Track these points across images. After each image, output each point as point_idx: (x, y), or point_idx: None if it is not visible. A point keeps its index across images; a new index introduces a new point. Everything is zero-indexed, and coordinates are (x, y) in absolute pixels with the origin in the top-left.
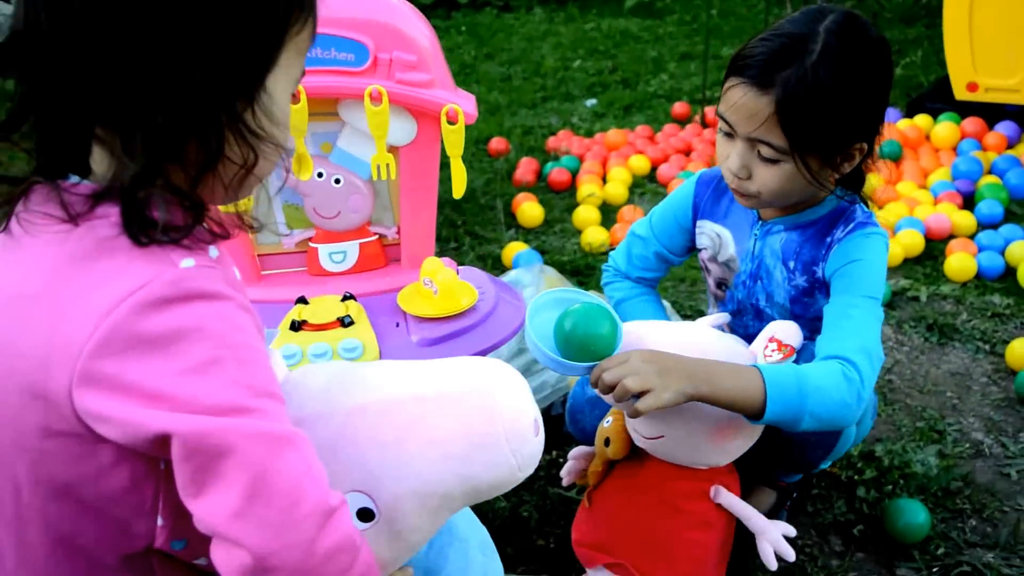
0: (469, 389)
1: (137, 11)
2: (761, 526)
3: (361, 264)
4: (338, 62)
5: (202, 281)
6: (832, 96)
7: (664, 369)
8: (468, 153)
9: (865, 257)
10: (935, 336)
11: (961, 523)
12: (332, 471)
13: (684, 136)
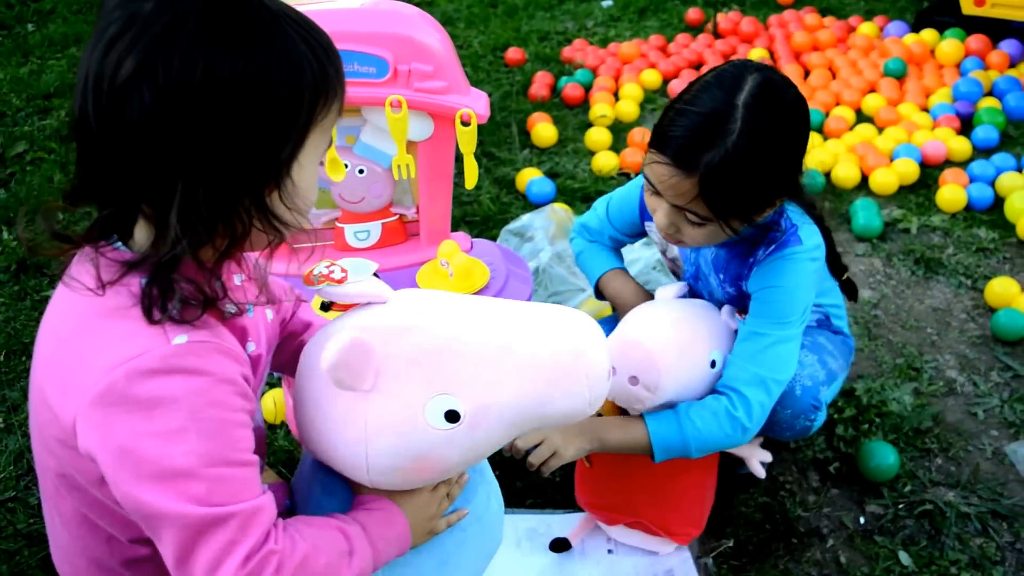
0: (565, 329)
1: (178, 125)
2: (747, 452)
3: (383, 241)
4: (361, 75)
5: (188, 358)
6: (753, 170)
7: (564, 434)
8: (486, 62)
9: (781, 284)
10: (921, 270)
11: (928, 462)
12: (434, 373)
13: (696, 47)
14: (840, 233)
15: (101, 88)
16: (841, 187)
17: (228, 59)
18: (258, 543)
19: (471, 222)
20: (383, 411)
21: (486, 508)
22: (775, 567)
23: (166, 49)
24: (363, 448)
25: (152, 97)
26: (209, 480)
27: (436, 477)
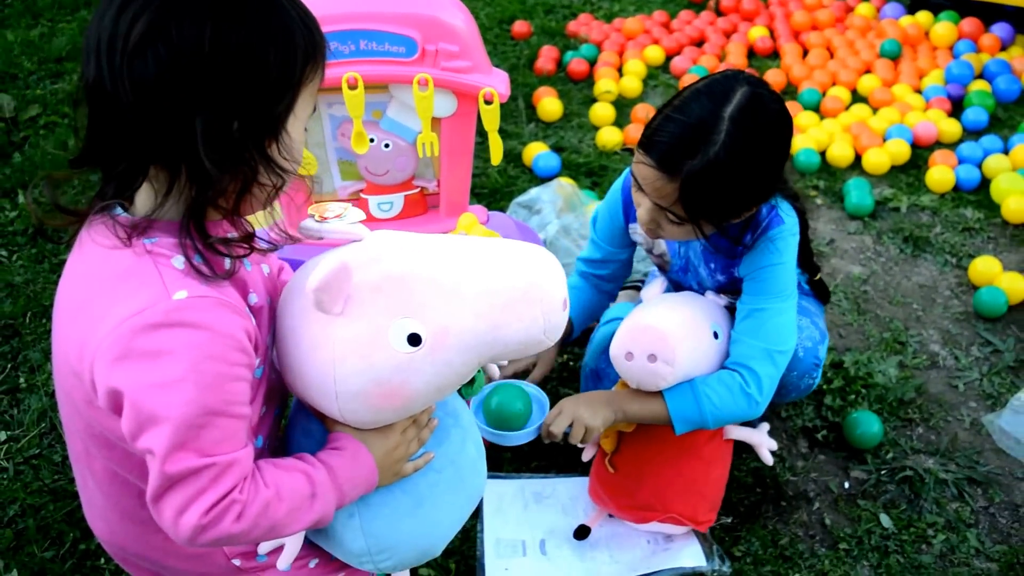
0: (521, 260)
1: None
2: (758, 440)
3: (405, 212)
4: (390, 54)
5: (189, 312)
6: (732, 179)
7: (590, 408)
8: (492, 35)
9: (773, 262)
10: (909, 248)
11: (910, 431)
12: (398, 298)
13: (698, 24)
14: (833, 211)
15: (115, 48)
16: (835, 166)
17: (232, 24)
18: (224, 493)
19: (480, 194)
20: (350, 333)
21: (460, 451)
22: (764, 527)
23: (177, 12)
24: (331, 371)
25: (167, 54)
26: (200, 428)
27: (403, 406)
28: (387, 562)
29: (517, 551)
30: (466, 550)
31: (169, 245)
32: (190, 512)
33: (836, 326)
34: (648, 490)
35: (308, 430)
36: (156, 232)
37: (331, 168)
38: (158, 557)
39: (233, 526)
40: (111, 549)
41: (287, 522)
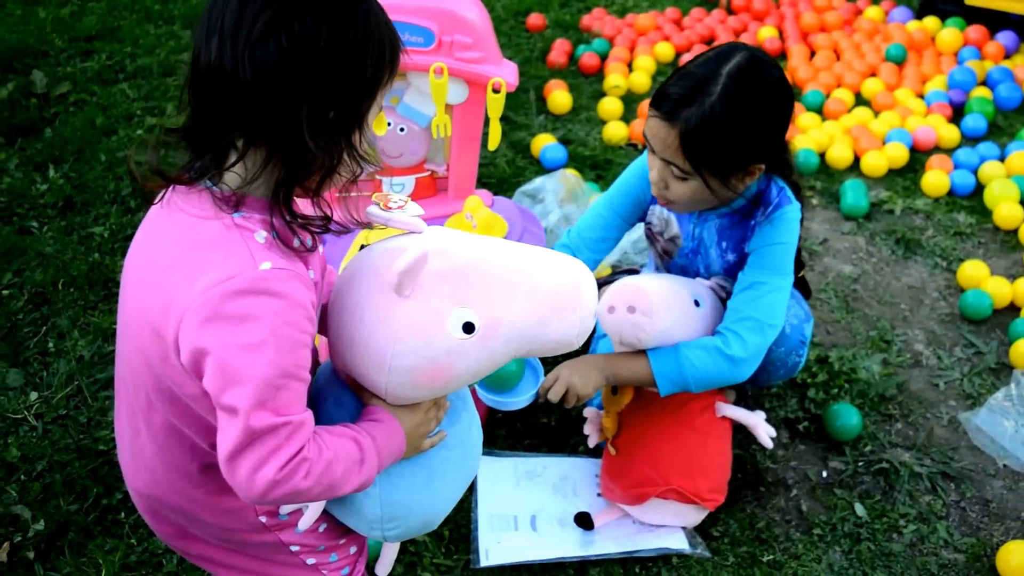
0: (567, 268)
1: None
2: (753, 421)
3: (416, 193)
4: (410, 43)
5: (271, 282)
6: (725, 130)
7: (582, 372)
8: (507, 26)
9: (780, 240)
10: (901, 250)
11: (889, 426)
12: (459, 289)
13: (709, 23)
14: (829, 211)
15: (239, 33)
16: (834, 167)
17: (345, 24)
18: (296, 450)
19: (487, 183)
20: (413, 316)
21: (468, 433)
22: (742, 511)
23: (300, 8)
24: (391, 347)
25: (288, 44)
26: (278, 389)
27: (443, 386)
28: (394, 531)
29: (509, 526)
30: (459, 519)
31: (254, 220)
32: (267, 467)
33: (824, 323)
34: (645, 463)
35: (341, 401)
36: (244, 207)
37: None
38: (195, 510)
39: (302, 482)
40: (145, 502)
41: (343, 482)
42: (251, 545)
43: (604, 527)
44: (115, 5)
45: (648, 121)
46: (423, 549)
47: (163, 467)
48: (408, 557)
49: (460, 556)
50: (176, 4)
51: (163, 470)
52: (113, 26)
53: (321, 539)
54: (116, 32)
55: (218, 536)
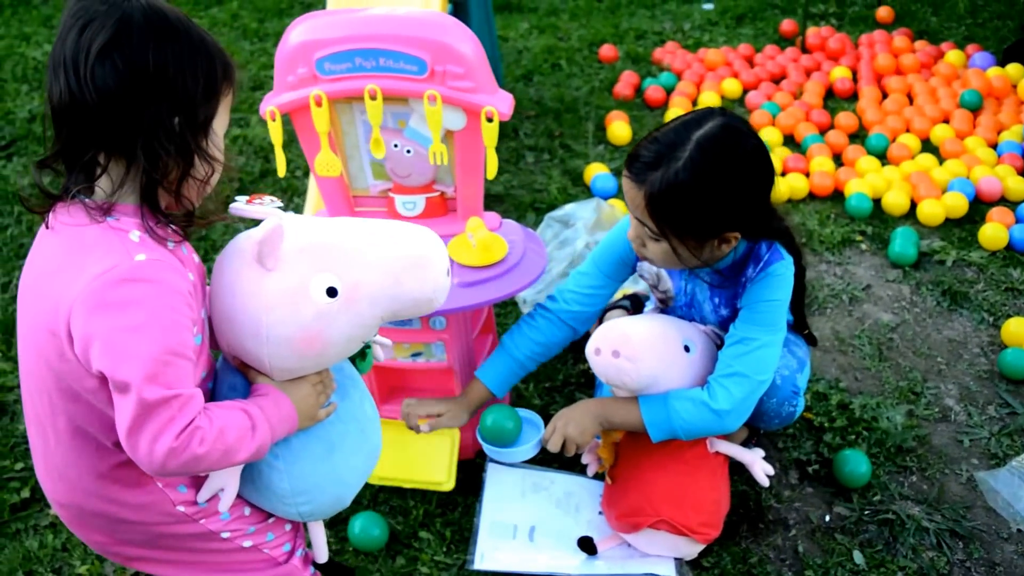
0: (415, 236)
1: (147, 92)
2: (749, 458)
3: (427, 212)
4: (405, 71)
5: (147, 271)
6: (690, 196)
7: (577, 421)
8: (580, 56)
9: (771, 297)
10: (947, 302)
11: (903, 478)
12: (319, 258)
13: (781, 60)
14: (876, 257)
15: (79, 62)
16: (889, 213)
17: (168, 46)
18: (189, 420)
19: (538, 208)
20: (278, 286)
21: (361, 409)
22: (737, 545)
23: (127, 33)
24: (263, 318)
25: (123, 65)
26: (164, 365)
27: (321, 352)
28: (306, 506)
29: (508, 534)
30: (463, 522)
31: (127, 223)
32: (165, 436)
33: (853, 369)
34: (638, 493)
35: (234, 385)
36: (116, 212)
37: (364, 168)
38: (114, 511)
39: (198, 448)
40: (67, 512)
41: (237, 447)
42: (181, 538)
43: (605, 552)
44: (216, 22)
45: (623, 180)
46: (425, 546)
47: (75, 472)
48: (411, 552)
49: (459, 556)
50: (271, 23)
51: (75, 475)
52: None
53: (249, 521)
54: None
55: (146, 536)
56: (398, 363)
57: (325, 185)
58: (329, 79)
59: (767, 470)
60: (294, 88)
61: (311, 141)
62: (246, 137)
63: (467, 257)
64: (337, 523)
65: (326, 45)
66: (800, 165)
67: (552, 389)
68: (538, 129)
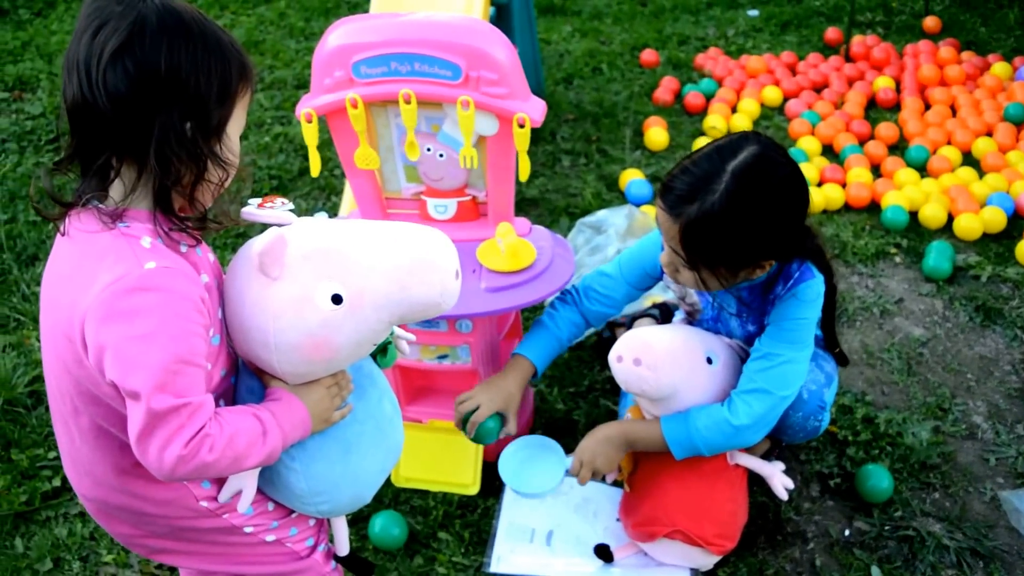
0: (422, 238)
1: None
2: (768, 471)
3: (458, 216)
4: (439, 76)
5: (157, 279)
6: (727, 230)
7: (602, 452)
8: (622, 60)
9: (798, 315)
10: (980, 317)
11: (925, 494)
12: (323, 265)
13: (824, 69)
14: (910, 271)
15: (91, 66)
16: (925, 226)
17: (182, 47)
18: (199, 428)
19: (572, 212)
20: (284, 295)
21: (379, 408)
22: (754, 556)
23: (140, 35)
24: (271, 326)
25: (134, 68)
26: (174, 374)
27: (331, 358)
28: (324, 505)
29: (525, 537)
30: (483, 524)
31: (138, 229)
32: (174, 444)
33: (880, 383)
34: (654, 503)
35: (251, 388)
36: (128, 218)
37: (398, 170)
38: (138, 506)
39: (207, 455)
40: (94, 505)
41: (247, 454)
42: (205, 532)
43: (622, 560)
44: (262, 20)
45: (657, 209)
46: (443, 547)
47: (99, 468)
48: (429, 552)
49: (477, 558)
50: (318, 22)
51: (99, 470)
52: (258, 40)
53: (272, 516)
54: (259, 45)
55: (170, 528)
56: (424, 364)
57: (358, 186)
58: (365, 82)
59: (787, 484)
60: (330, 91)
61: (346, 143)
62: (287, 135)
63: (496, 262)
64: (358, 521)
65: (363, 49)
66: (837, 176)
67: (576, 395)
68: (576, 133)
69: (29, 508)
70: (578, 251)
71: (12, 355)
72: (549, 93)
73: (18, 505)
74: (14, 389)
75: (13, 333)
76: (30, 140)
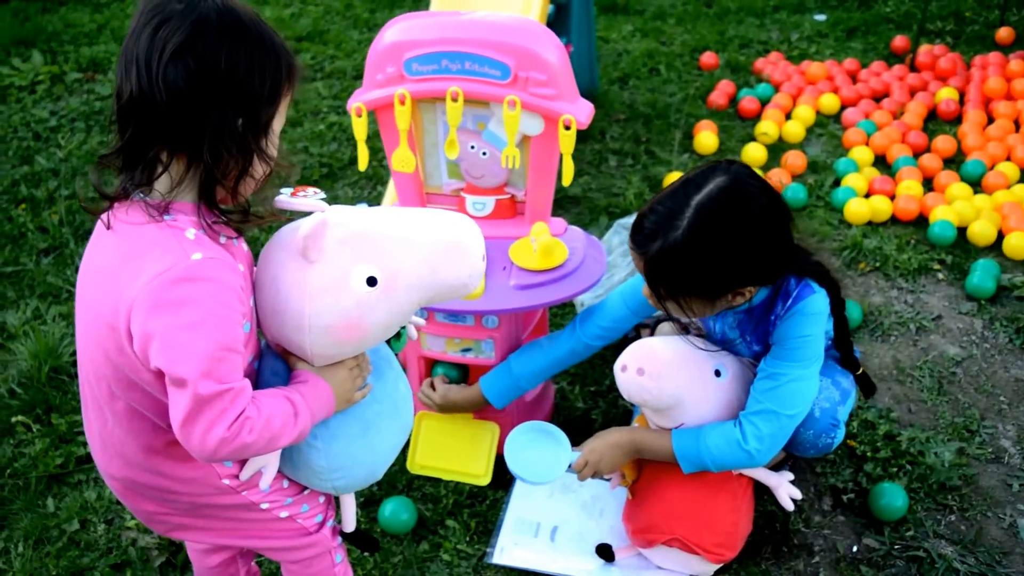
0: (452, 223)
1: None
2: (775, 482)
3: (496, 214)
4: (488, 75)
5: (203, 270)
6: (690, 263)
7: (607, 456)
8: (681, 62)
9: (801, 333)
10: (1020, 339)
11: (941, 516)
12: (359, 249)
13: (886, 77)
14: (952, 288)
15: (152, 60)
16: (973, 243)
17: (240, 47)
18: (240, 411)
19: (612, 212)
20: (321, 277)
21: (395, 388)
22: (757, 565)
23: (201, 34)
24: (306, 308)
25: (195, 65)
26: (219, 360)
27: (360, 339)
28: (340, 480)
29: (530, 531)
30: (490, 515)
31: (184, 221)
32: (217, 427)
33: (908, 400)
34: (654, 510)
35: (276, 370)
36: (173, 211)
37: (441, 166)
38: (166, 484)
39: (247, 437)
40: (120, 484)
41: (281, 434)
42: (224, 508)
43: (622, 561)
44: (329, 10)
45: (629, 247)
46: (450, 534)
47: (131, 449)
48: (435, 538)
49: (481, 547)
50: (382, 14)
51: (131, 451)
52: (323, 29)
53: (287, 493)
54: (324, 35)
55: (192, 505)
56: (448, 356)
57: (400, 180)
58: (415, 79)
59: (793, 494)
60: (381, 86)
61: (392, 137)
62: (341, 124)
63: (528, 260)
64: (369, 504)
65: (416, 46)
66: (887, 187)
67: (596, 394)
68: (625, 133)
69: (63, 471)
70: (612, 252)
71: (61, 324)
72: (603, 92)
73: (53, 467)
74: (60, 357)
75: (64, 304)
76: (97, 120)
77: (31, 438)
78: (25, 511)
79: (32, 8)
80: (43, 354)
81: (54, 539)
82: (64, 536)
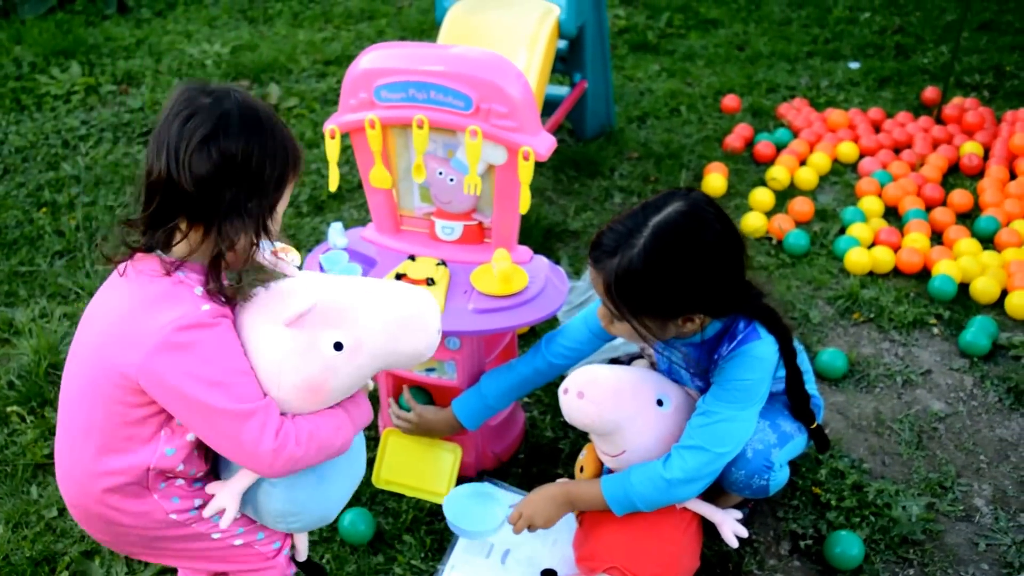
0: (411, 297)
1: (232, 177)
2: (719, 518)
3: (464, 239)
4: (452, 105)
5: (212, 318)
6: (644, 282)
7: (541, 510)
8: (704, 104)
9: (742, 377)
10: (1010, 399)
11: (899, 569)
12: (329, 317)
13: (910, 129)
14: (946, 344)
15: (180, 148)
16: (975, 299)
17: (256, 140)
18: (280, 423)
19: None
20: (294, 340)
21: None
22: None
23: (224, 128)
24: (279, 366)
25: (217, 156)
26: (235, 384)
27: (324, 400)
28: (295, 523)
29: (483, 552)
30: (446, 533)
31: (193, 279)
32: (266, 438)
33: (883, 452)
34: (596, 539)
35: None
36: (186, 269)
37: (413, 190)
38: (112, 516)
39: (296, 448)
40: (77, 512)
41: (330, 443)
42: (174, 539)
43: None
44: (360, 36)
45: (588, 265)
46: (405, 549)
47: (91, 482)
48: (391, 552)
49: (434, 563)
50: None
51: (90, 484)
52: (352, 54)
53: (238, 524)
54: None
55: (143, 538)
56: (412, 375)
57: (375, 201)
58: (384, 106)
59: (738, 532)
60: (354, 111)
61: (366, 158)
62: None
63: (488, 286)
64: None
65: (386, 74)
66: (892, 239)
67: (566, 424)
68: (635, 171)
69: (49, 461)
70: None
71: (65, 324)
72: (619, 129)
73: (40, 457)
74: (59, 355)
75: (71, 304)
76: (125, 131)
77: (24, 428)
78: (9, 496)
79: (76, 21)
80: (44, 351)
81: (32, 524)
82: (42, 521)
